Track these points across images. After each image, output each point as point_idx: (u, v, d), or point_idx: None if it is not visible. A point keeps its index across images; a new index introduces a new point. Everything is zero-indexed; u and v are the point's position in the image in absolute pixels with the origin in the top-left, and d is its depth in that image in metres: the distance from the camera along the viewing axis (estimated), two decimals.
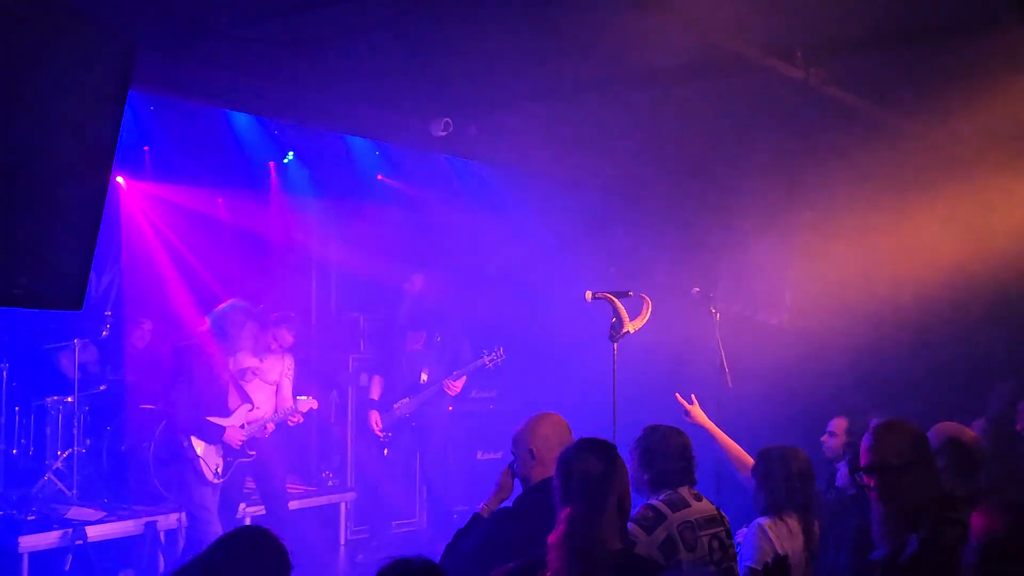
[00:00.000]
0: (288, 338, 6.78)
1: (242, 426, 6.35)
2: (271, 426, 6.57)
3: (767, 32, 5.02)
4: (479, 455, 8.49)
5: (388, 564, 2.42)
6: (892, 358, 6.55)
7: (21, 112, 3.29)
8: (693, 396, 4.75)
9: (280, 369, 6.75)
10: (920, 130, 6.23)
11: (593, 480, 2.88)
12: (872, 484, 3.20)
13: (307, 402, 6.77)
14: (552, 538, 2.78)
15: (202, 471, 6.12)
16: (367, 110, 6.67)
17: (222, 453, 6.26)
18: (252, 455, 6.45)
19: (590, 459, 2.93)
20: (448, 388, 7.48)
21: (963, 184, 6.22)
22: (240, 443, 6.31)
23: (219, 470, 6.22)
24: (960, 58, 5.21)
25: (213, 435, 6.21)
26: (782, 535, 3.74)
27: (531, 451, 3.55)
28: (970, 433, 4.01)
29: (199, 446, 6.14)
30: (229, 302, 6.57)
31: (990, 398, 5.89)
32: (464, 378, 7.54)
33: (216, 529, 5.95)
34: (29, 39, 3.28)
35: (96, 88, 3.65)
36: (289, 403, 6.69)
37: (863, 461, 3.24)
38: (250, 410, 6.44)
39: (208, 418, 6.21)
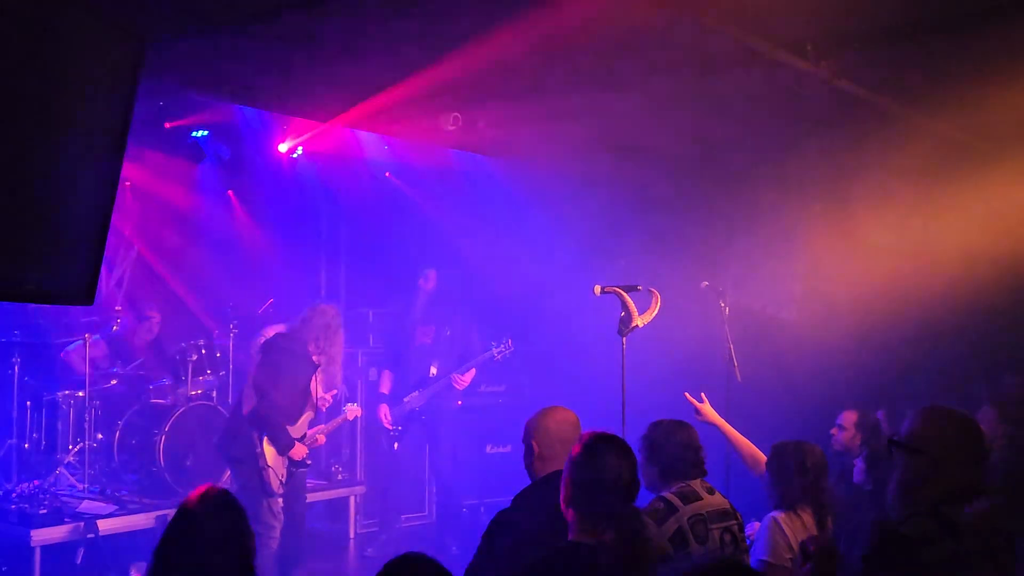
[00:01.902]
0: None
1: (302, 436, 6.18)
2: (322, 438, 6.40)
3: (778, 25, 5.00)
4: (488, 449, 8.49)
5: (395, 559, 2.45)
6: (904, 352, 6.51)
7: (30, 107, 3.29)
8: (703, 395, 4.74)
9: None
10: (934, 123, 6.19)
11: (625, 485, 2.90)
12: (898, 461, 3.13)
13: (353, 410, 6.67)
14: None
15: (268, 481, 5.92)
16: (375, 105, 6.66)
17: (286, 464, 6.07)
18: (309, 464, 6.30)
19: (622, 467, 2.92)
20: (457, 382, 7.45)
21: (980, 178, 6.18)
22: (303, 456, 6.14)
23: (283, 478, 6.03)
24: (973, 51, 5.17)
25: (285, 444, 6.00)
26: (796, 529, 3.75)
27: (531, 445, 3.53)
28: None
29: (269, 453, 5.92)
30: (320, 304, 6.27)
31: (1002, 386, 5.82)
32: (473, 371, 7.52)
33: (276, 537, 5.89)
34: (40, 34, 3.28)
35: (106, 83, 3.64)
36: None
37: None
38: (311, 418, 6.27)
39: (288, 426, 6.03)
